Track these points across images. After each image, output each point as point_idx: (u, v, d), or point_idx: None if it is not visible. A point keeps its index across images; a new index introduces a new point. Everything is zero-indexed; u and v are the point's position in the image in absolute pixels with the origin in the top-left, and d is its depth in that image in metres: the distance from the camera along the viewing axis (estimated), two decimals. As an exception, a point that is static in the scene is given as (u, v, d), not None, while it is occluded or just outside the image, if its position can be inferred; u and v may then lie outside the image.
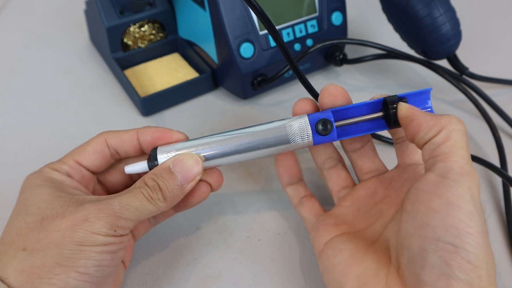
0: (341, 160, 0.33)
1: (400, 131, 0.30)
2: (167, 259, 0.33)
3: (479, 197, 0.24)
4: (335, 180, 0.33)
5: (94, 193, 0.31)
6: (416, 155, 0.30)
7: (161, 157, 0.29)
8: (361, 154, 0.32)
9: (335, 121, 0.29)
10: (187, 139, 0.31)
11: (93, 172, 0.31)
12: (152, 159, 0.29)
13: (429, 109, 0.29)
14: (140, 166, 0.30)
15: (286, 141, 0.29)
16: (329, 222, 0.31)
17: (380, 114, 0.29)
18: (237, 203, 0.37)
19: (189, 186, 0.28)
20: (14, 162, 0.41)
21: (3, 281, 0.24)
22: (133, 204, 0.26)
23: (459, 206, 0.23)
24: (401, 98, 0.29)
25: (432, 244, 0.23)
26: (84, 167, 0.30)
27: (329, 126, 0.28)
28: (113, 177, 0.33)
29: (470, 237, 0.22)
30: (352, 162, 0.33)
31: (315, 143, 0.29)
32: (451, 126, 0.25)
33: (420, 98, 0.29)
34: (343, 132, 0.30)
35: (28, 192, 0.28)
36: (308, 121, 0.29)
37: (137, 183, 0.28)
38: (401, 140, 0.31)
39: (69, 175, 0.29)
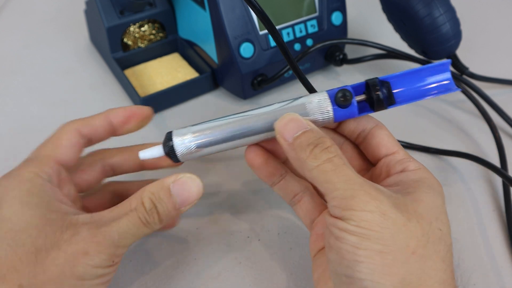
0: (307, 189, 0.31)
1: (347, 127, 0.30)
2: (167, 259, 0.33)
3: (377, 221, 0.22)
4: (304, 213, 0.31)
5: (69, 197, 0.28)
6: (381, 148, 0.29)
7: (177, 140, 0.28)
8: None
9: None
10: (152, 113, 0.31)
11: (68, 169, 0.29)
12: (168, 143, 0.28)
13: (449, 82, 0.27)
14: (155, 150, 0.28)
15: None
16: (318, 231, 0.29)
17: (363, 97, 0.28)
18: (237, 203, 0.37)
19: (184, 210, 0.27)
20: (14, 162, 0.41)
21: None
22: (130, 231, 0.25)
23: (344, 238, 0.23)
24: (383, 82, 0.27)
25: (335, 277, 0.24)
26: (63, 165, 0.28)
27: (348, 95, 0.27)
28: (88, 175, 0.31)
29: (361, 265, 0.22)
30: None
31: (336, 119, 0.28)
32: None
33: (435, 71, 0.27)
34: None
35: (10, 210, 0.24)
36: (327, 95, 0.28)
37: (133, 202, 0.26)
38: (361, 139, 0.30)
39: (51, 180, 0.26)
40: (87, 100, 0.48)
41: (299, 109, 0.28)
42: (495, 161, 0.40)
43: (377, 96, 0.27)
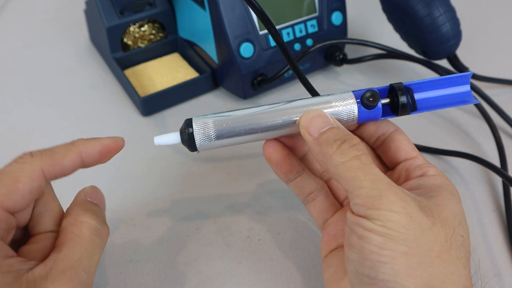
0: (322, 188, 0.31)
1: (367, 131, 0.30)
2: (167, 259, 0.33)
3: (402, 222, 0.22)
4: (318, 213, 0.30)
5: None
6: (401, 152, 0.29)
7: (198, 128, 0.27)
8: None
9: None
10: (122, 143, 0.28)
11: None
12: (187, 130, 0.27)
13: (468, 92, 0.28)
14: (172, 137, 0.28)
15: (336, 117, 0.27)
16: (330, 232, 0.29)
17: (388, 100, 0.28)
18: (237, 203, 0.37)
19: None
20: (14, 162, 0.41)
21: None
22: (90, 258, 0.24)
23: (368, 238, 0.22)
24: (407, 88, 0.28)
25: (355, 277, 0.23)
26: (12, 213, 0.24)
27: (376, 96, 0.27)
28: (65, 169, 0.26)
29: (385, 266, 0.22)
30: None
31: (360, 119, 0.28)
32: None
33: (459, 81, 0.28)
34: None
35: None
36: (353, 95, 0.27)
37: (73, 228, 0.25)
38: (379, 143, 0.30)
39: None
40: (87, 100, 0.48)
41: (324, 107, 0.27)
42: (495, 161, 0.40)
43: (403, 101, 0.27)
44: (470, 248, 0.24)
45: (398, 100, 0.27)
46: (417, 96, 0.28)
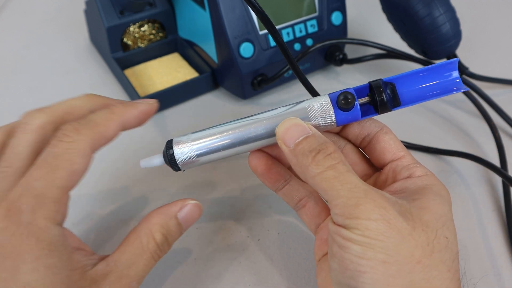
0: (312, 194, 0.30)
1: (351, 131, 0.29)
2: (167, 259, 0.33)
3: (381, 228, 0.22)
4: (309, 219, 0.30)
5: None
6: (387, 153, 0.28)
7: (178, 149, 0.28)
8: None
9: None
10: (157, 105, 0.29)
11: None
12: (168, 152, 0.28)
13: (458, 80, 0.26)
14: (156, 160, 0.28)
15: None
16: (322, 236, 0.28)
17: (366, 99, 0.27)
18: (237, 203, 0.37)
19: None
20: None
21: None
22: (146, 272, 0.26)
23: (347, 247, 0.22)
24: (388, 83, 0.26)
25: (338, 286, 0.23)
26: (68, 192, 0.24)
27: (350, 98, 0.26)
28: (109, 134, 0.26)
29: (364, 276, 0.22)
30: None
31: (339, 122, 0.27)
32: None
33: (443, 71, 0.26)
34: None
35: (34, 276, 0.21)
36: (329, 99, 0.27)
37: (143, 238, 0.26)
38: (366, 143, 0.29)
39: (60, 223, 0.23)
40: (87, 100, 0.48)
41: (301, 114, 0.27)
42: (495, 161, 0.40)
43: (381, 98, 0.26)
44: (457, 249, 0.24)
45: (376, 98, 0.26)
46: (401, 90, 0.27)
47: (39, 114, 0.25)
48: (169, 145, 0.28)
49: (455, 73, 0.26)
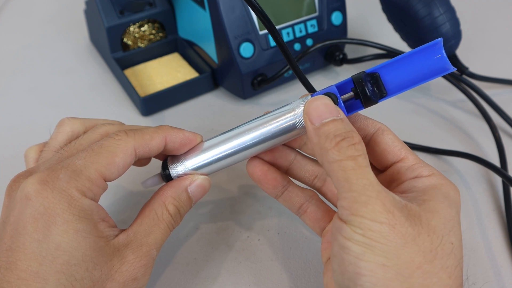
0: (312, 198, 0.30)
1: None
2: (167, 259, 0.33)
3: (383, 230, 0.22)
4: (313, 223, 0.30)
5: None
6: (388, 155, 0.27)
7: (173, 170, 0.29)
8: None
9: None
10: (200, 139, 0.30)
11: None
12: (165, 173, 0.29)
13: (444, 60, 0.24)
14: (156, 179, 0.31)
15: (293, 127, 0.27)
16: (328, 239, 0.28)
17: (350, 94, 0.26)
18: (237, 203, 0.37)
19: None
20: (14, 162, 0.41)
21: None
22: (162, 241, 0.27)
23: (347, 248, 0.22)
24: (371, 74, 0.25)
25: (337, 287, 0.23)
26: (106, 181, 0.26)
27: (332, 98, 0.25)
28: (155, 147, 0.30)
29: (363, 278, 0.21)
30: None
31: None
32: None
33: (428, 52, 0.25)
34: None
35: (64, 238, 0.23)
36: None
37: (158, 210, 0.27)
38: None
39: (94, 198, 0.25)
40: (87, 100, 0.48)
41: (287, 118, 0.27)
42: (495, 161, 0.40)
43: (362, 91, 0.25)
44: (461, 255, 0.23)
45: (359, 93, 0.25)
46: (386, 78, 0.25)
47: (117, 126, 0.30)
48: (165, 165, 0.30)
49: (441, 53, 0.24)
